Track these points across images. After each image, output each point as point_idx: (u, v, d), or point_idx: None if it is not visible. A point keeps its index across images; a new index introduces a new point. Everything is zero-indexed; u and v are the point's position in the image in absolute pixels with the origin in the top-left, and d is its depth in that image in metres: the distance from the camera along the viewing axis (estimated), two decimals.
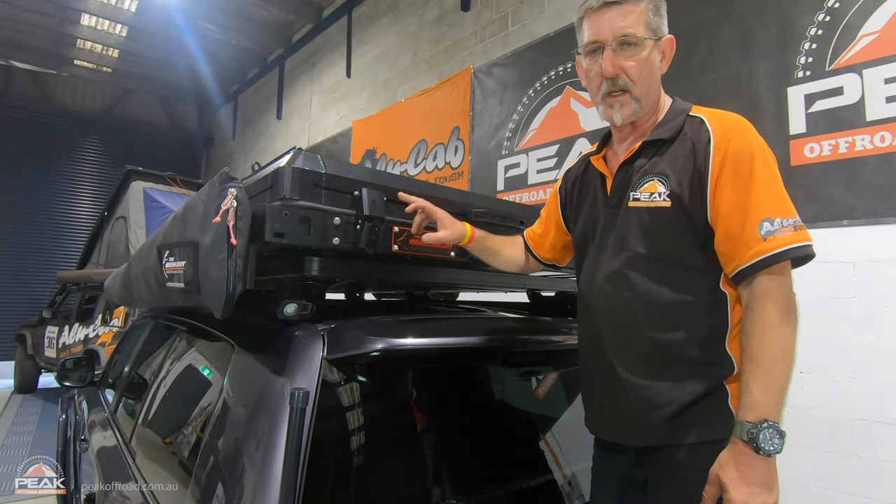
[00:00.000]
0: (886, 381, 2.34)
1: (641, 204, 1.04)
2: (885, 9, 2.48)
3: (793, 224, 0.91)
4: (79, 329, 6.36)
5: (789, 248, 0.90)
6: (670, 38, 1.08)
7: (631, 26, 1.02)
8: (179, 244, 1.26)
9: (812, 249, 0.91)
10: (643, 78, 1.05)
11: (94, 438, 2.06)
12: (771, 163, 0.96)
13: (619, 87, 1.06)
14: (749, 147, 0.96)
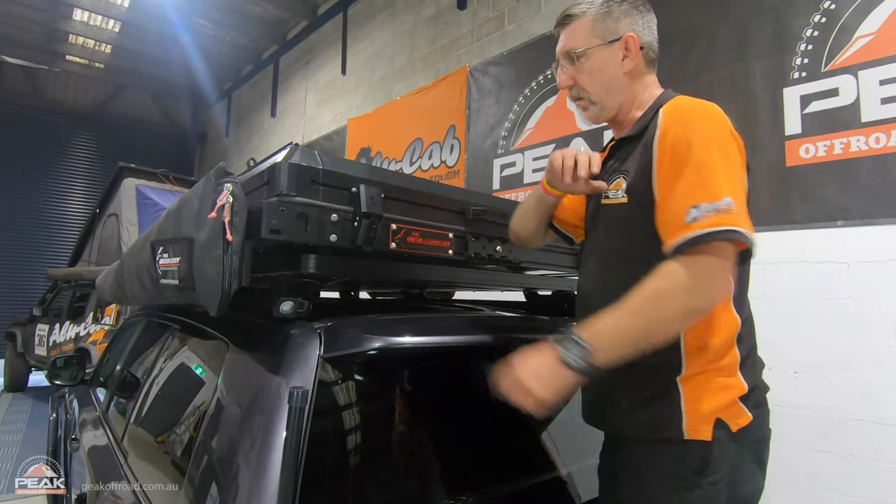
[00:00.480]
0: (881, 381, 2.35)
1: (610, 201, 1.07)
2: (880, 11, 2.49)
3: (714, 208, 0.85)
4: (70, 327, 6.30)
5: (700, 233, 0.84)
6: (629, 35, 1.09)
7: (570, 43, 1.12)
8: (174, 240, 1.24)
9: (738, 234, 0.84)
10: (596, 84, 1.11)
11: (86, 437, 2.03)
12: (712, 148, 0.91)
13: (576, 95, 1.16)
14: (687, 135, 0.93)
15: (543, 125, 4.14)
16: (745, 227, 0.85)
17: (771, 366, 2.70)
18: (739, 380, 0.97)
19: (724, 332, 0.97)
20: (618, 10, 1.10)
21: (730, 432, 0.94)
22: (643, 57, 1.12)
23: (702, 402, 0.94)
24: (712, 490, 0.92)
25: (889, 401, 2.32)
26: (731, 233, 0.84)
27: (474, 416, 1.31)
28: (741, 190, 0.91)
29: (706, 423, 0.93)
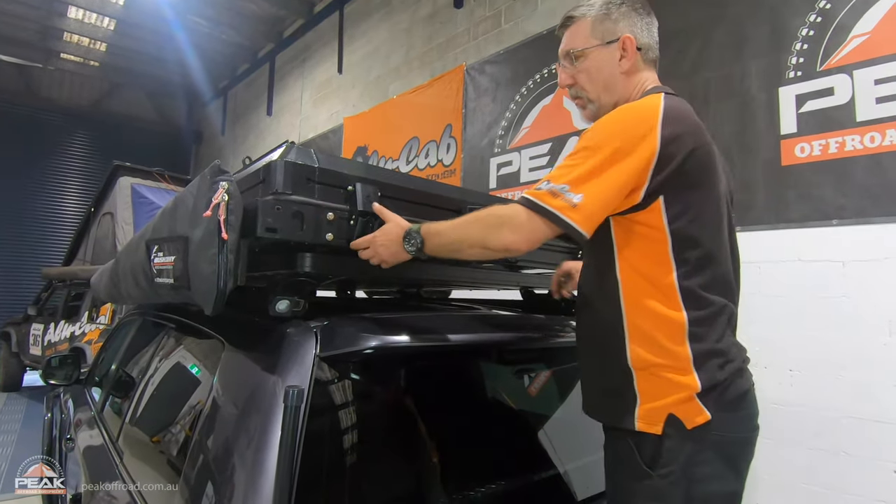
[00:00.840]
0: (874, 379, 2.36)
1: None
2: (875, 10, 2.50)
3: (549, 187, 0.98)
4: (65, 326, 6.27)
5: (528, 196, 0.99)
6: (626, 36, 1.14)
7: (570, 44, 1.19)
8: (169, 239, 1.24)
9: (549, 213, 0.96)
10: (593, 83, 1.18)
11: (81, 437, 2.02)
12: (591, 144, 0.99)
13: (575, 94, 1.22)
14: (589, 130, 1.04)
15: (540, 124, 4.14)
16: (563, 211, 0.96)
17: (766, 364, 2.73)
18: (693, 378, 0.98)
19: (669, 329, 1.00)
20: (616, 12, 1.15)
21: (684, 429, 0.97)
22: (641, 57, 1.16)
23: (654, 396, 1.00)
24: (663, 482, 0.96)
25: (884, 399, 2.33)
26: (543, 209, 0.97)
27: (471, 416, 1.31)
28: (606, 184, 0.97)
29: (658, 417, 0.98)
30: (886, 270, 2.38)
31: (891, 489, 2.28)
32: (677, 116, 1.01)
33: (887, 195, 2.39)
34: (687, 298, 1.00)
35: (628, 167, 0.97)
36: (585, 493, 1.34)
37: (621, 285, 1.04)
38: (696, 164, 1.01)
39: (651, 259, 1.02)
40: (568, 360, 1.62)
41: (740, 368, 1.05)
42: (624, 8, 1.15)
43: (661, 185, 0.98)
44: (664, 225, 1.00)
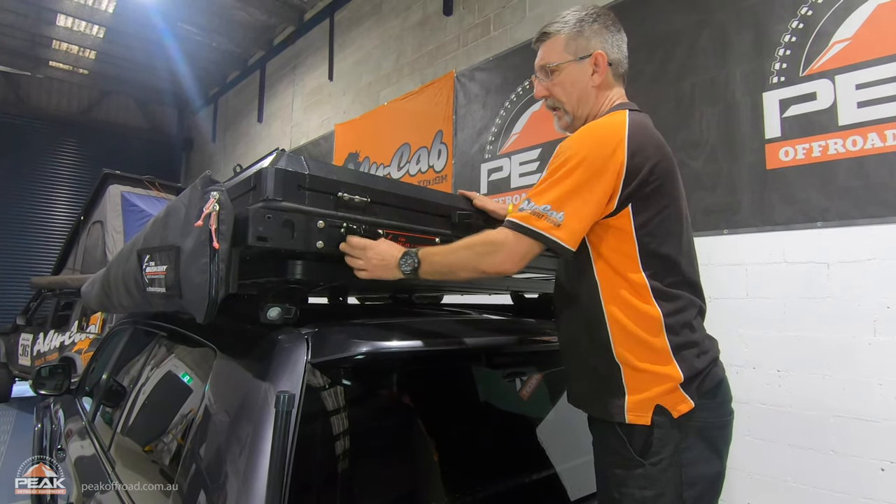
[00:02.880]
0: (860, 379, 2.40)
1: None
2: (856, 16, 2.55)
3: (531, 208, 1.07)
4: (54, 336, 6.21)
5: (512, 220, 1.08)
6: (598, 52, 1.22)
7: (545, 58, 1.27)
8: (161, 248, 1.24)
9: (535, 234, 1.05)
10: (568, 95, 1.25)
11: (72, 448, 2.01)
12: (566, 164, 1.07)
13: (552, 105, 1.30)
14: (561, 147, 1.11)
15: (530, 130, 4.17)
16: (548, 231, 1.04)
17: (755, 365, 2.76)
18: (675, 368, 1.06)
19: (646, 323, 1.07)
20: (589, 29, 1.23)
21: (671, 418, 1.05)
22: (612, 72, 1.24)
23: (641, 389, 1.06)
24: (654, 469, 1.03)
25: (869, 397, 2.37)
26: (528, 230, 1.06)
27: (462, 420, 1.32)
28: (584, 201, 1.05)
29: (646, 408, 1.05)
30: (870, 271, 2.42)
31: (878, 487, 2.32)
32: (641, 132, 1.10)
33: (870, 197, 2.44)
34: (658, 295, 1.08)
35: (602, 183, 1.05)
36: (576, 495, 1.36)
37: (599, 283, 1.11)
38: (660, 175, 1.09)
39: (623, 260, 1.09)
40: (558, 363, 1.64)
41: (715, 359, 1.14)
42: (596, 25, 1.23)
43: (629, 195, 1.07)
44: (632, 230, 1.08)
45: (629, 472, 1.05)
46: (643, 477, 1.03)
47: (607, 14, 1.26)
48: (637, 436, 1.05)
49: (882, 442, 2.32)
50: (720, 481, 1.12)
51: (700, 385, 1.07)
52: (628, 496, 1.05)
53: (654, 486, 1.03)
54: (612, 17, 1.26)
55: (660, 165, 1.09)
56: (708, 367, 1.10)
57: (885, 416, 2.32)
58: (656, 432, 1.04)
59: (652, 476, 1.03)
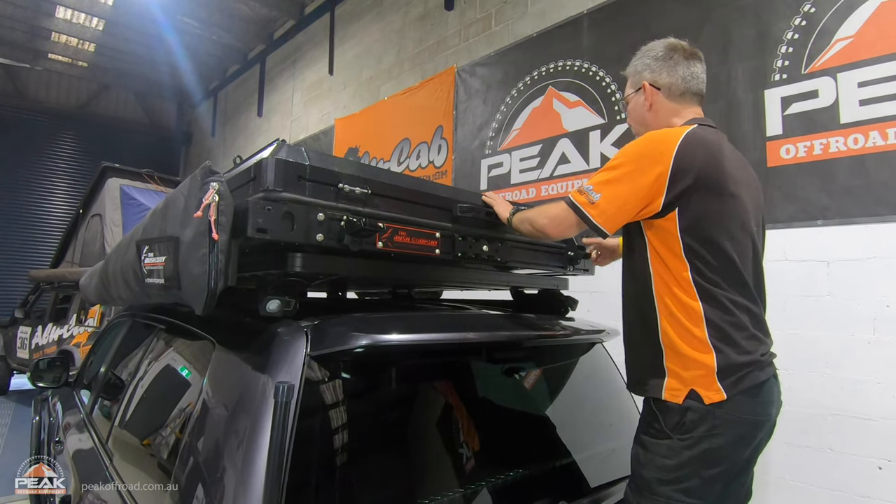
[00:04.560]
0: (859, 377, 2.40)
1: None
2: (858, 14, 2.54)
3: (580, 188, 1.28)
4: (52, 329, 6.21)
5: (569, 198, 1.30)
6: (644, 83, 1.44)
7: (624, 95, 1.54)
8: (159, 239, 1.24)
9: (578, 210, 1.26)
10: (633, 119, 1.53)
11: (70, 440, 2.01)
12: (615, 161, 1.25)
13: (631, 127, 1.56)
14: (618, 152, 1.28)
15: (530, 126, 4.16)
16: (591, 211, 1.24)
17: None
18: (711, 358, 1.17)
19: (688, 313, 1.20)
20: (641, 65, 1.47)
21: (702, 403, 1.16)
22: (664, 94, 1.42)
23: (679, 372, 1.20)
24: (679, 444, 1.16)
25: (867, 396, 2.37)
26: (570, 202, 1.28)
27: (460, 413, 1.32)
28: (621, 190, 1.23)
29: (681, 390, 1.19)
30: (870, 269, 2.42)
31: (876, 485, 2.32)
32: (695, 141, 1.22)
33: (870, 196, 2.44)
34: (701, 292, 1.20)
35: (645, 178, 1.20)
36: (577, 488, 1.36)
37: (652, 274, 1.26)
38: (708, 183, 1.20)
39: (671, 257, 1.23)
40: (557, 358, 1.64)
41: (757, 361, 1.21)
42: (647, 60, 1.45)
43: (674, 199, 1.19)
44: (677, 231, 1.21)
45: (657, 442, 1.20)
46: (668, 448, 1.17)
47: (662, 46, 1.44)
48: (672, 414, 1.19)
49: (880, 440, 2.32)
50: (743, 473, 1.24)
51: (738, 381, 1.17)
52: (651, 461, 1.19)
53: (676, 458, 1.16)
54: (666, 48, 1.44)
55: (708, 174, 1.20)
56: (748, 367, 1.18)
57: (883, 414, 2.33)
58: (689, 415, 1.16)
59: (676, 449, 1.16)
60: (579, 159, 3.75)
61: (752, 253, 1.29)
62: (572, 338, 1.60)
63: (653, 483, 1.18)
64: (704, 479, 1.16)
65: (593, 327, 1.62)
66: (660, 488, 1.17)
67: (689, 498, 1.16)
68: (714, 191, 1.21)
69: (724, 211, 1.22)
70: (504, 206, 1.49)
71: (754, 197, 1.33)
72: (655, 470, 1.18)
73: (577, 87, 3.82)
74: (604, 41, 3.64)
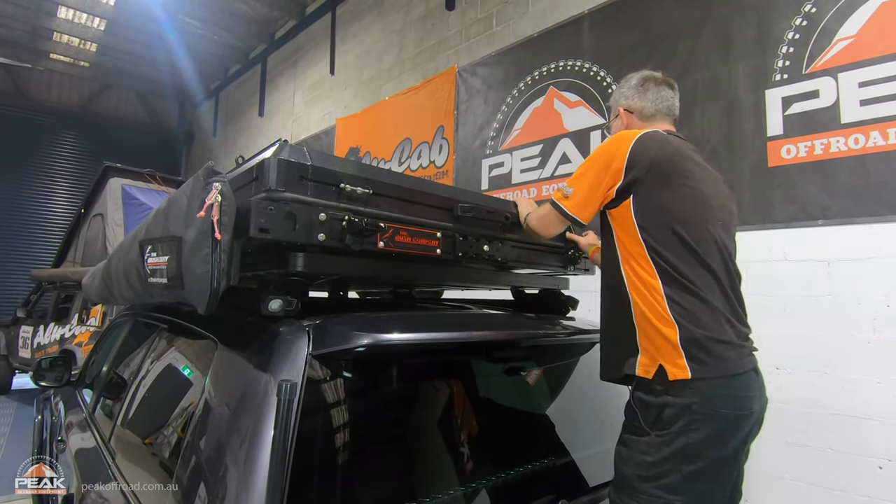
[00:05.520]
0: (860, 377, 2.40)
1: None
2: (859, 14, 2.54)
3: (560, 188, 1.44)
4: (54, 329, 6.22)
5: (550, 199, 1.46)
6: (618, 108, 1.64)
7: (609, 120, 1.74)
8: (162, 239, 1.25)
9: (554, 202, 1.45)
10: None
11: (72, 439, 2.02)
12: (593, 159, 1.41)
13: None
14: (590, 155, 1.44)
15: (531, 126, 4.16)
16: (565, 204, 1.41)
17: None
18: (673, 331, 1.23)
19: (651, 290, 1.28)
20: (618, 95, 1.66)
21: (667, 379, 1.22)
22: (636, 116, 1.60)
23: (649, 347, 1.27)
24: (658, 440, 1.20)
25: (867, 395, 2.37)
26: (551, 200, 1.46)
27: (462, 412, 1.32)
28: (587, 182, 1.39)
29: (652, 365, 1.26)
30: (870, 269, 2.42)
31: (876, 485, 2.32)
32: (650, 138, 1.36)
33: (871, 196, 2.44)
34: (659, 271, 1.29)
35: (604, 172, 1.37)
36: (576, 487, 1.36)
37: (619, 257, 1.37)
38: (658, 174, 1.31)
39: (630, 240, 1.34)
40: (558, 357, 1.64)
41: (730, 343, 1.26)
42: (623, 90, 1.64)
43: (628, 186, 1.33)
44: (632, 216, 1.33)
45: (636, 439, 1.24)
46: (648, 444, 1.21)
47: (633, 79, 1.62)
48: (650, 410, 1.23)
49: (880, 440, 2.33)
50: (727, 470, 1.25)
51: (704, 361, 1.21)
52: (631, 458, 1.23)
53: (655, 454, 1.19)
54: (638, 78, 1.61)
55: (660, 165, 1.32)
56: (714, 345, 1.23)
57: (883, 414, 2.33)
58: (667, 410, 1.20)
59: (655, 445, 1.20)
60: (580, 159, 3.75)
61: (717, 246, 1.33)
62: (573, 337, 1.61)
63: (633, 480, 1.21)
64: (685, 475, 1.17)
65: (594, 327, 1.63)
66: (641, 485, 1.19)
67: (671, 494, 1.17)
68: (666, 180, 1.32)
69: (676, 199, 1.32)
70: (525, 208, 1.60)
71: (721, 203, 1.40)
72: (635, 466, 1.21)
73: (578, 87, 3.83)
74: (605, 41, 3.64)
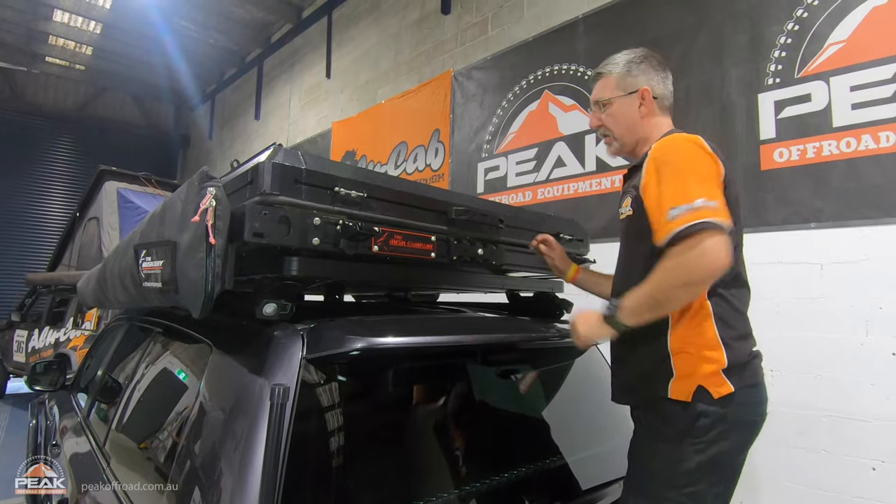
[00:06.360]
0: (853, 379, 2.42)
1: (623, 216, 1.36)
2: (850, 19, 2.57)
3: (688, 208, 1.10)
4: (49, 333, 6.20)
5: (681, 228, 1.09)
6: (643, 89, 1.38)
7: (598, 94, 1.44)
8: (157, 243, 1.25)
9: (710, 224, 1.07)
10: (618, 124, 1.42)
11: (67, 444, 2.01)
12: (682, 165, 1.17)
13: (604, 133, 1.47)
14: (662, 157, 1.21)
15: (526, 129, 4.18)
16: (717, 217, 1.08)
17: None
18: (721, 354, 1.17)
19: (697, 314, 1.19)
20: (636, 69, 1.40)
21: (711, 398, 1.15)
22: (657, 105, 1.40)
23: (687, 372, 1.18)
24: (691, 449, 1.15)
25: (861, 397, 2.39)
26: (706, 223, 1.07)
27: (456, 416, 1.33)
28: (716, 191, 1.14)
29: (689, 388, 1.17)
30: (863, 272, 2.44)
31: (870, 486, 2.33)
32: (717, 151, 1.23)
33: (863, 199, 2.46)
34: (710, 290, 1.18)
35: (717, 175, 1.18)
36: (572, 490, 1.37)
37: None
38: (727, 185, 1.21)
39: None
40: (551, 360, 1.65)
41: (756, 351, 1.26)
42: (644, 65, 1.40)
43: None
44: None
45: (667, 446, 1.18)
46: (680, 452, 1.16)
47: (653, 56, 1.42)
48: (682, 417, 1.17)
49: (873, 441, 2.34)
50: (739, 473, 1.26)
51: (742, 375, 1.18)
52: (658, 465, 1.18)
53: (687, 462, 1.15)
54: (657, 59, 1.42)
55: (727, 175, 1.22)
56: (750, 358, 1.22)
57: (876, 415, 2.34)
58: (702, 419, 1.15)
59: (688, 454, 1.15)
60: (575, 163, 3.77)
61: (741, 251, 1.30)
62: (567, 340, 1.61)
63: (661, 487, 1.17)
64: (712, 483, 1.16)
65: None
66: (668, 493, 1.16)
67: (695, 502, 1.16)
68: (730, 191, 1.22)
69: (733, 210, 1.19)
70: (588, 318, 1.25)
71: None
72: (665, 474, 1.17)
73: (573, 91, 3.84)
74: (599, 45, 3.66)
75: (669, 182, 1.16)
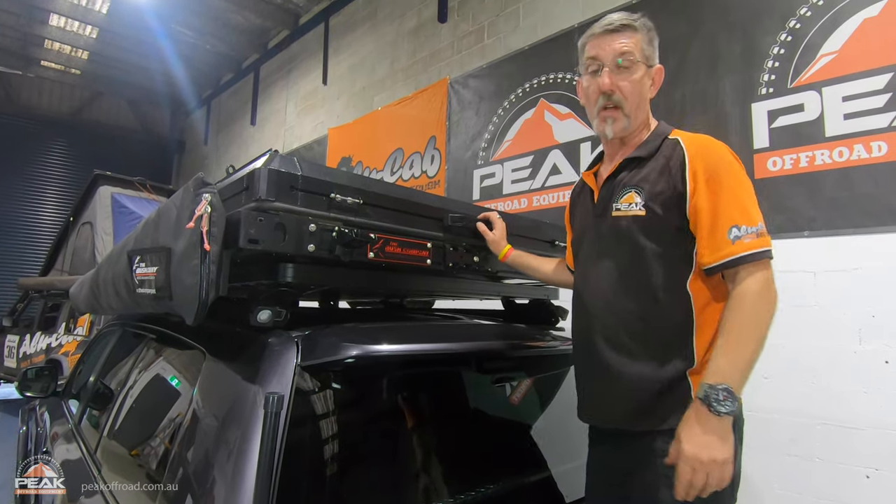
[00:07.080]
0: (846, 386, 2.43)
1: (622, 213, 1.18)
2: (843, 30, 2.60)
3: (755, 231, 1.05)
4: (41, 338, 6.15)
5: (747, 253, 1.05)
6: (660, 67, 1.25)
7: (627, 47, 1.19)
8: (151, 250, 1.24)
9: (770, 253, 1.06)
10: (634, 96, 1.20)
11: (58, 451, 1.99)
12: (740, 175, 1.10)
13: (613, 103, 1.21)
14: (713, 164, 1.10)
15: (522, 137, 4.20)
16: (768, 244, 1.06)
17: None
18: None
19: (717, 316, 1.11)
20: (656, 41, 1.25)
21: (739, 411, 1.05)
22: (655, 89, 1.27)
23: None
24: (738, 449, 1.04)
25: (854, 405, 2.39)
26: (768, 252, 1.06)
27: (451, 424, 1.32)
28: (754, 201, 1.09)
29: None
30: (856, 280, 2.46)
31: (863, 494, 2.34)
32: None
33: (856, 208, 2.48)
34: None
35: None
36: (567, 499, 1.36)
37: (692, 294, 1.12)
38: None
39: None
40: (546, 368, 1.65)
41: None
42: (657, 40, 1.25)
43: None
44: None
45: None
46: None
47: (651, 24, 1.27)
48: None
49: (867, 449, 2.34)
50: None
51: None
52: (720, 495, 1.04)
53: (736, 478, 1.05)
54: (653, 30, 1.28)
55: None
56: None
57: (869, 423, 2.35)
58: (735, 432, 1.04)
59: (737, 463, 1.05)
60: (570, 170, 3.79)
61: None
62: (562, 347, 1.62)
63: None
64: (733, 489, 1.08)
65: None
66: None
67: None
68: None
69: None
70: (694, 435, 0.99)
71: None
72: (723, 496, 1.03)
73: (568, 100, 3.86)
74: None
75: (728, 196, 1.07)
